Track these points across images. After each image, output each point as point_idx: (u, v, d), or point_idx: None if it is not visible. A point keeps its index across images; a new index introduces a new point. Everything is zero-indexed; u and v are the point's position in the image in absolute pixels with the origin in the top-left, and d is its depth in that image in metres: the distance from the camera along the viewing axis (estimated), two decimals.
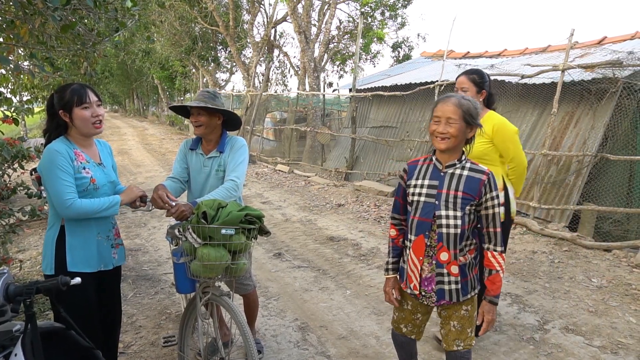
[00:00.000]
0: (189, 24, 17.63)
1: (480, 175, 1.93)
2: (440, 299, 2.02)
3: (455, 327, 2.05)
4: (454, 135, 1.90)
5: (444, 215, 1.94)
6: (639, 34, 7.04)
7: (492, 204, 1.94)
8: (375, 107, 9.59)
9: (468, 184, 1.93)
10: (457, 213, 1.93)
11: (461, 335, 2.05)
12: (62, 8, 2.88)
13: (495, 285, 1.98)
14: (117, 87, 35.72)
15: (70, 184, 2.05)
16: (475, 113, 1.94)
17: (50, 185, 2.04)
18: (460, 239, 1.96)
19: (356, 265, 4.75)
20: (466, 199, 1.93)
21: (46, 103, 2.20)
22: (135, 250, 5.30)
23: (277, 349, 3.13)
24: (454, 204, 1.94)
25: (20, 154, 3.82)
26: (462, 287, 2.00)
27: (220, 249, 2.12)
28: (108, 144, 2.46)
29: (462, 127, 1.91)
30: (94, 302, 2.21)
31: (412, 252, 2.05)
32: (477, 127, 1.95)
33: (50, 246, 2.13)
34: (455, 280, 1.99)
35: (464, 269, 2.00)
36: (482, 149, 2.84)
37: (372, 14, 17.17)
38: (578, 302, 3.77)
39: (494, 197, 1.94)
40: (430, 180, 2.00)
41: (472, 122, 1.93)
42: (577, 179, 5.77)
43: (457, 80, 2.98)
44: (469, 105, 1.93)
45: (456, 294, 2.00)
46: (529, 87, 6.44)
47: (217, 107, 2.57)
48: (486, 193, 1.93)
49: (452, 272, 1.98)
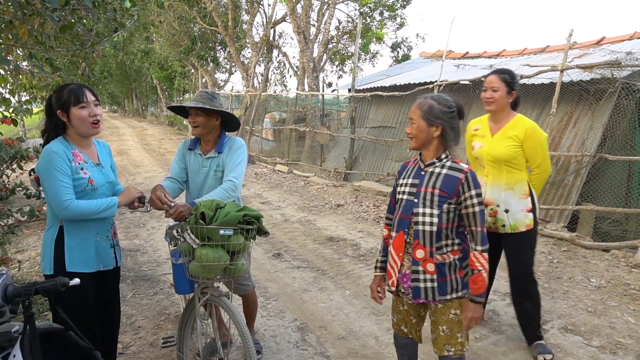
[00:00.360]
0: (187, 24, 17.63)
1: (458, 174, 1.95)
2: (416, 297, 2.03)
3: (445, 332, 2.05)
4: (414, 134, 2.00)
5: (421, 213, 1.98)
6: (638, 34, 7.05)
7: (472, 203, 1.94)
8: (374, 107, 9.59)
9: (446, 182, 1.96)
10: (433, 211, 1.96)
11: (451, 340, 2.04)
12: (61, 8, 2.88)
13: (476, 285, 1.96)
14: (116, 87, 35.70)
15: (67, 185, 2.05)
16: (438, 112, 1.96)
17: (48, 186, 2.05)
18: (437, 237, 1.97)
19: (355, 265, 4.75)
20: (443, 197, 1.95)
21: (45, 103, 2.20)
22: (134, 251, 5.29)
23: (276, 349, 3.13)
24: (430, 201, 1.96)
25: (19, 154, 3.83)
26: (440, 286, 1.99)
27: (218, 249, 2.12)
28: (107, 144, 2.46)
29: (423, 127, 1.97)
30: (93, 303, 2.21)
31: (392, 249, 2.09)
32: (439, 125, 1.97)
33: (49, 247, 2.13)
34: (431, 278, 1.99)
35: (443, 268, 1.99)
36: (511, 152, 2.80)
37: (371, 14, 17.18)
38: (577, 302, 3.78)
39: (473, 196, 1.93)
40: (413, 179, 2.06)
41: (432, 122, 1.96)
42: (576, 179, 5.78)
43: (487, 79, 2.85)
44: (430, 105, 1.97)
45: (432, 292, 2.00)
46: (527, 88, 6.44)
47: (214, 108, 2.57)
48: (464, 192, 1.94)
49: (428, 269, 1.99)
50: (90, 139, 2.28)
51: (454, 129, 2.00)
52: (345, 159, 9.72)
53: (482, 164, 2.96)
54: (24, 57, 5.02)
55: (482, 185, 2.46)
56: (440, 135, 1.98)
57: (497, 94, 2.79)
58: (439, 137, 1.98)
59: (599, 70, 5.56)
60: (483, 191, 2.42)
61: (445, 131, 1.97)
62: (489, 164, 2.91)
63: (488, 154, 2.88)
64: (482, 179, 2.91)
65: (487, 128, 2.96)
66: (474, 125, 3.07)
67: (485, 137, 2.94)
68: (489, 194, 2.90)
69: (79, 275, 1.97)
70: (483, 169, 2.96)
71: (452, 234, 2.00)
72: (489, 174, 2.93)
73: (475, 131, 3.03)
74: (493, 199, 2.89)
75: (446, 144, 2.01)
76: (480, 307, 1.98)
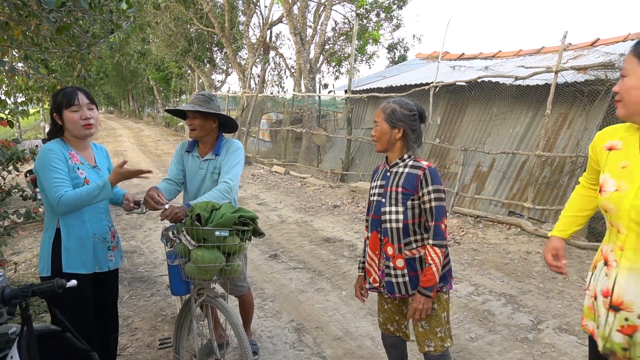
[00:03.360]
0: (184, 26, 17.62)
1: (417, 171, 2.03)
2: (391, 292, 2.10)
3: (424, 327, 2.08)
4: (378, 137, 2.11)
5: (388, 211, 2.07)
6: (632, 35, 7.09)
7: (429, 198, 2.00)
8: (370, 108, 9.61)
9: (407, 180, 2.04)
10: (399, 208, 2.04)
11: (429, 335, 2.08)
12: (57, 10, 2.88)
13: (425, 278, 1.98)
14: (113, 88, 35.63)
15: (62, 181, 2.08)
16: (400, 115, 2.05)
17: (44, 183, 2.08)
18: (404, 233, 2.03)
19: (352, 266, 4.77)
20: (406, 194, 2.03)
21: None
22: (131, 252, 5.29)
23: (272, 350, 3.14)
24: (395, 199, 2.05)
25: (15, 156, 3.82)
26: (411, 280, 2.05)
27: (214, 250, 2.12)
28: (105, 148, 2.49)
29: (386, 129, 2.07)
30: (91, 304, 2.21)
31: (368, 249, 2.19)
32: (401, 127, 2.05)
33: (46, 248, 2.14)
34: (402, 273, 2.06)
35: (413, 263, 2.05)
36: None
37: (367, 16, 17.22)
38: (571, 302, 3.80)
39: (430, 192, 1.99)
40: (381, 180, 2.16)
41: (395, 124, 2.06)
42: (571, 180, 5.81)
43: (625, 59, 1.48)
44: (393, 108, 2.07)
45: (404, 287, 2.06)
46: (523, 89, 6.48)
47: (211, 111, 2.58)
48: (422, 187, 2.01)
49: (397, 265, 2.06)
50: (87, 142, 2.30)
51: (415, 131, 2.09)
52: (342, 160, 9.73)
53: (616, 222, 1.51)
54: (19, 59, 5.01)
55: (610, 268, 1.51)
56: (402, 137, 2.08)
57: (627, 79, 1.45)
58: (401, 139, 2.09)
59: (593, 71, 5.60)
60: (610, 280, 1.49)
61: (407, 133, 2.07)
62: (631, 226, 1.45)
63: (634, 208, 1.42)
64: (611, 254, 1.53)
65: (638, 148, 1.50)
66: (607, 138, 1.62)
67: (632, 168, 1.48)
68: (623, 285, 1.46)
69: (77, 276, 1.98)
70: (616, 233, 1.51)
71: (419, 229, 2.05)
72: (628, 246, 1.47)
73: (610, 150, 1.58)
74: (630, 301, 1.43)
75: (408, 145, 2.10)
76: (428, 300, 1.99)
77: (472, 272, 4.57)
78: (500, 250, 5.18)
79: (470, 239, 5.66)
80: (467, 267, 4.72)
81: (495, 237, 5.63)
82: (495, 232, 5.80)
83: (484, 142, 6.93)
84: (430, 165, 2.05)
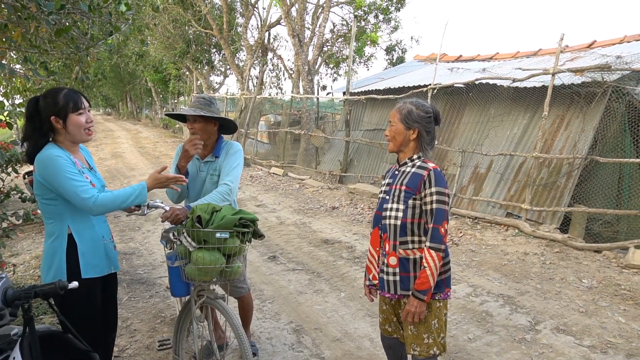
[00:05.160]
0: (182, 27, 17.61)
1: (422, 172, 2.04)
2: (382, 289, 2.12)
3: (412, 331, 2.08)
4: (392, 136, 2.11)
5: (389, 208, 2.09)
6: (628, 37, 7.14)
7: (431, 200, 1.99)
8: (369, 110, 9.63)
9: (412, 179, 2.05)
10: (400, 206, 2.05)
11: (417, 340, 2.06)
12: (57, 12, 2.88)
13: (419, 280, 1.97)
14: (111, 90, 35.52)
15: (84, 182, 1.99)
16: (416, 116, 2.05)
17: (64, 190, 1.95)
18: (401, 231, 2.03)
19: (350, 267, 4.78)
20: (408, 192, 2.04)
21: (27, 108, 2.06)
22: (130, 254, 5.29)
23: (272, 351, 3.15)
24: (398, 197, 2.07)
25: (14, 157, 3.81)
26: (402, 280, 2.04)
27: (214, 252, 2.14)
28: (87, 149, 2.38)
29: (401, 129, 2.08)
30: (99, 307, 2.20)
31: (370, 245, 2.21)
32: (416, 129, 2.06)
33: (58, 256, 2.04)
34: (393, 271, 2.06)
35: (406, 264, 2.04)
36: None
37: (365, 17, 17.25)
38: (569, 303, 3.83)
39: (433, 193, 1.99)
40: (390, 179, 2.19)
41: (410, 125, 2.06)
42: (568, 181, 5.84)
43: None
44: (409, 109, 2.06)
45: (394, 286, 2.06)
46: (520, 91, 6.52)
47: (213, 115, 2.59)
48: (425, 188, 2.01)
49: (390, 263, 2.07)
50: (77, 145, 2.22)
51: (429, 132, 2.10)
52: (340, 161, 9.75)
53: None
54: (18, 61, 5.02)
55: None
56: (416, 138, 2.08)
57: None
58: (415, 140, 2.09)
59: (590, 73, 5.64)
60: None
61: (421, 134, 2.08)
62: None
63: None
64: None
65: None
66: None
67: None
68: None
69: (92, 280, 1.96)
70: None
71: (418, 230, 2.04)
72: None
73: None
74: None
75: (421, 147, 2.10)
76: (422, 303, 1.98)
77: (470, 273, 4.59)
78: (498, 252, 5.21)
79: (468, 240, 5.68)
80: (465, 268, 4.74)
81: (493, 238, 5.65)
82: (493, 233, 5.83)
83: (482, 144, 6.96)
84: (437, 167, 2.05)
